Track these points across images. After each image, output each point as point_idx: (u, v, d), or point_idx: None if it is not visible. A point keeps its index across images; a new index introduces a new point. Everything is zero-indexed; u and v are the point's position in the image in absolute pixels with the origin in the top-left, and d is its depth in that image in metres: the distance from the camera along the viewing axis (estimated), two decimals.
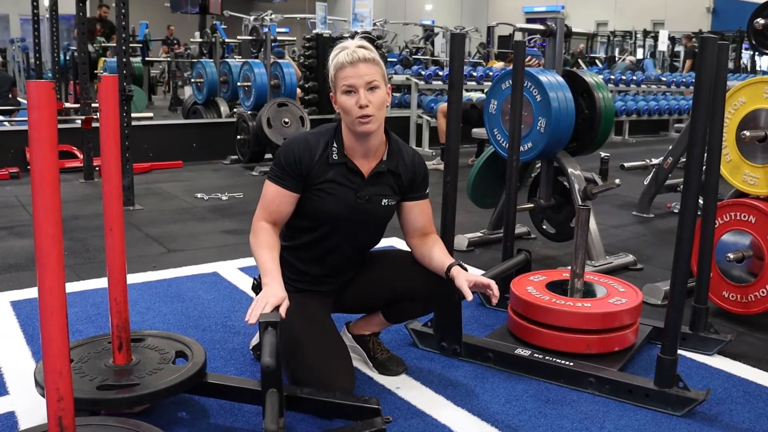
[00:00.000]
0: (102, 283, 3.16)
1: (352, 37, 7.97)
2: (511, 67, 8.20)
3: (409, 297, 2.28)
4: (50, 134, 1.38)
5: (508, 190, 3.04)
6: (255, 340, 2.49)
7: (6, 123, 7.93)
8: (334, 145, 2.15)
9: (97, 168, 5.96)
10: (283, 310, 1.87)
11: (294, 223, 2.20)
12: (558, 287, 2.70)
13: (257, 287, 2.33)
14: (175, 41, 16.40)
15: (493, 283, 2.09)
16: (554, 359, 2.40)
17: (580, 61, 13.40)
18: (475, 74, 8.40)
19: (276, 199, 2.13)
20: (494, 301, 2.10)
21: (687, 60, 14.27)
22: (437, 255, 2.22)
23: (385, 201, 2.21)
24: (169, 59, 14.11)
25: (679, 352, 2.22)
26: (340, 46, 2.12)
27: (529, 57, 4.44)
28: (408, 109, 8.39)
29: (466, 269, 2.16)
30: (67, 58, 10.67)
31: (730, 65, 13.52)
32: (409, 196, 2.26)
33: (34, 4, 6.57)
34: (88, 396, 1.86)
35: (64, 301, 1.44)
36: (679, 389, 2.18)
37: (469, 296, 2.07)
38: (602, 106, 3.72)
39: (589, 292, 2.68)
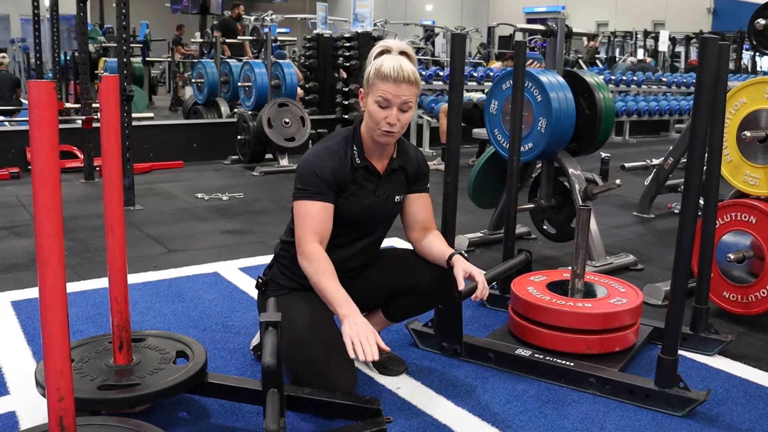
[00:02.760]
0: (103, 283, 3.16)
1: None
2: (509, 66, 8.14)
3: (410, 291, 2.29)
4: (51, 133, 1.38)
5: (508, 190, 3.04)
6: (255, 340, 2.49)
7: (7, 123, 7.93)
8: (354, 148, 2.15)
9: (97, 168, 5.96)
10: (382, 344, 1.86)
11: None
12: (558, 287, 2.70)
13: (262, 285, 2.32)
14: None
15: (481, 284, 2.10)
16: (555, 359, 2.40)
17: (580, 61, 13.39)
18: (475, 74, 8.40)
19: (322, 215, 2.08)
20: (473, 297, 2.12)
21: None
22: (438, 246, 2.24)
23: (397, 198, 2.26)
24: (184, 60, 14.00)
25: (680, 352, 2.22)
26: (384, 45, 2.11)
27: (530, 60, 4.42)
28: None
29: (467, 258, 2.18)
30: (68, 58, 10.66)
31: (731, 66, 13.52)
32: (412, 189, 2.30)
33: (35, 4, 6.58)
34: (89, 396, 1.86)
35: (65, 300, 1.44)
36: (679, 389, 2.18)
37: (461, 285, 2.10)
38: (603, 107, 3.72)
39: (589, 292, 2.68)
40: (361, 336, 1.83)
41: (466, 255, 2.20)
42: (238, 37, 9.45)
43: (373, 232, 2.29)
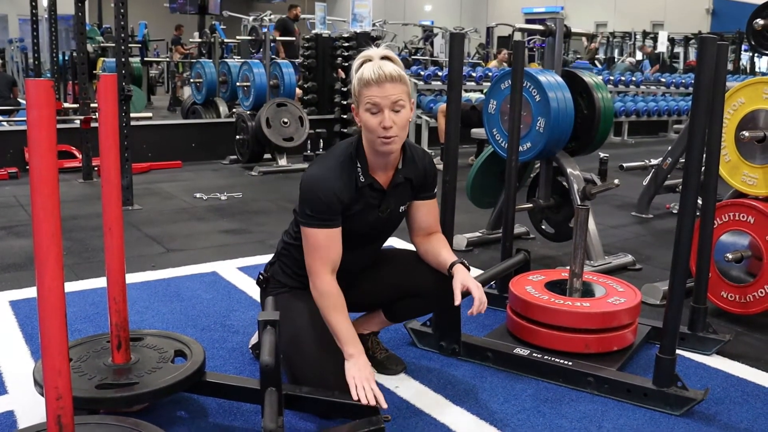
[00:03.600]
0: (101, 282, 3.16)
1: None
2: (503, 61, 8.08)
3: (411, 294, 2.29)
4: (49, 132, 1.38)
5: (507, 190, 3.04)
6: (254, 339, 2.49)
7: (5, 123, 7.93)
8: (358, 165, 2.10)
9: (96, 168, 5.96)
10: (380, 397, 1.93)
11: None
12: (557, 287, 2.70)
13: (263, 282, 2.31)
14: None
15: (478, 300, 2.09)
16: (553, 359, 2.41)
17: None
18: (474, 75, 8.40)
19: (332, 243, 2.05)
20: (469, 312, 2.12)
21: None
22: (441, 252, 2.23)
23: (402, 208, 2.23)
24: (183, 60, 13.97)
25: (678, 351, 2.22)
26: (364, 56, 2.06)
27: None
28: None
29: (468, 268, 2.17)
30: (66, 58, 10.65)
31: (729, 67, 13.52)
32: (418, 196, 2.26)
33: (33, 4, 6.57)
34: (87, 395, 1.86)
35: (63, 298, 1.44)
36: (677, 389, 2.18)
37: (458, 300, 2.09)
38: (601, 106, 3.72)
39: (587, 291, 2.68)
40: (363, 381, 1.95)
41: (467, 264, 2.18)
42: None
43: (376, 240, 2.30)
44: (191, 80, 8.86)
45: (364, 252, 2.26)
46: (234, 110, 7.88)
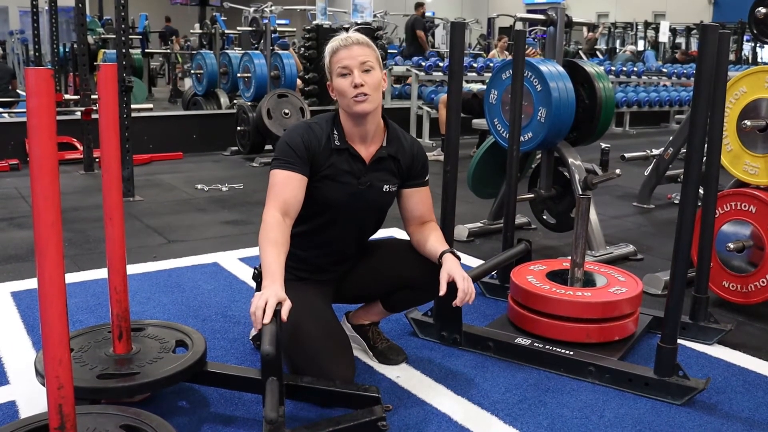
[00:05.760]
0: (102, 273, 3.16)
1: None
2: (503, 49, 8.05)
3: (406, 286, 2.28)
4: (49, 120, 1.37)
5: (508, 180, 3.03)
6: (255, 331, 2.49)
7: (5, 115, 7.92)
8: (335, 132, 2.15)
9: (97, 159, 5.96)
10: (285, 312, 1.78)
11: None
12: (558, 277, 2.70)
13: (258, 276, 2.32)
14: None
15: (462, 291, 2.04)
16: (554, 348, 2.41)
17: (581, 52, 13.35)
18: (475, 65, 8.38)
19: (287, 183, 2.06)
20: (453, 303, 2.07)
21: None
22: (432, 242, 2.21)
23: (386, 187, 2.22)
24: (182, 51, 13.93)
25: (679, 341, 2.22)
26: (335, 38, 2.14)
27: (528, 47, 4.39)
28: (408, 100, 8.37)
29: (458, 258, 2.15)
30: (67, 50, 10.62)
31: (732, 57, 13.49)
32: (407, 183, 2.27)
33: None
34: (89, 385, 1.86)
35: (63, 288, 1.44)
36: (678, 378, 2.18)
37: (442, 290, 2.06)
38: (603, 96, 3.71)
39: (589, 281, 2.68)
40: (260, 302, 1.75)
41: (456, 253, 2.16)
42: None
43: (362, 221, 2.26)
44: (192, 71, 8.84)
45: (352, 234, 2.26)
46: (235, 101, 7.87)
